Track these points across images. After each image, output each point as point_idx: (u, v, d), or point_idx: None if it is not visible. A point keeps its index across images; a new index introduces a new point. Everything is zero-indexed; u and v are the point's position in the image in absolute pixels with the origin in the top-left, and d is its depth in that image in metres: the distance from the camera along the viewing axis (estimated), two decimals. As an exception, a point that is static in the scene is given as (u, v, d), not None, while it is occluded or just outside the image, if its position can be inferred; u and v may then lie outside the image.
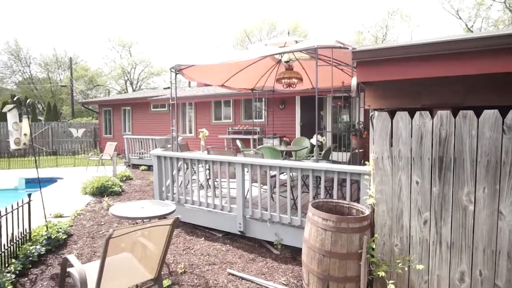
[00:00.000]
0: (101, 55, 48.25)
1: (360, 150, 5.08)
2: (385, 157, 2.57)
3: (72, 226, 4.38)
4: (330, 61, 4.92)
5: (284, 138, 6.59)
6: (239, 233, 4.04)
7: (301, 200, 3.50)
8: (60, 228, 3.92)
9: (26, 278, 2.98)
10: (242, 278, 3.06)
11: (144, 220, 2.94)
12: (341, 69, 5.90)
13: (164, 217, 2.88)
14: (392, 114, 2.59)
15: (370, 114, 2.84)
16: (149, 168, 9.98)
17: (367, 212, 2.68)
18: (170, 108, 5.57)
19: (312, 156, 5.31)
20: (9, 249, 3.10)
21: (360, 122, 6.23)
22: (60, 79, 35.48)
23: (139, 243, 2.49)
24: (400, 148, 2.50)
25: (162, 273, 2.45)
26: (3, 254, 2.98)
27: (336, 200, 3.05)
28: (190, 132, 12.80)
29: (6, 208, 3.13)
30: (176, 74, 5.26)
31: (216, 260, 3.49)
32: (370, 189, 2.77)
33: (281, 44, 5.94)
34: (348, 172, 3.14)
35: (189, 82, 17.79)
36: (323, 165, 3.34)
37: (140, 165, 10.23)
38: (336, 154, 7.49)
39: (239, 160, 3.90)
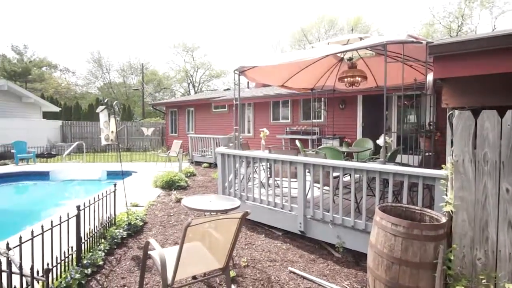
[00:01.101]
0: (167, 60, 52.43)
1: (430, 153, 4.68)
2: (466, 160, 2.34)
3: (146, 215, 4.86)
4: (398, 57, 4.63)
5: (346, 139, 6.37)
6: (299, 232, 4.05)
7: (365, 203, 3.37)
8: (138, 216, 4.39)
9: (112, 257, 3.42)
10: (304, 278, 3.07)
11: (212, 213, 3.13)
12: (410, 65, 5.50)
13: (229, 212, 3.04)
14: (474, 113, 2.34)
15: (448, 113, 2.61)
16: (210, 165, 10.54)
17: (443, 220, 2.47)
18: (234, 108, 5.82)
19: (377, 158, 5.05)
20: (99, 231, 3.59)
21: (431, 123, 5.71)
22: (133, 83, 39.45)
23: (209, 234, 2.67)
24: (486, 151, 2.25)
25: (229, 264, 2.58)
26: (95, 234, 3.46)
27: (406, 205, 2.86)
28: (249, 132, 13.16)
29: (98, 195, 3.62)
30: (239, 75, 5.47)
31: (277, 257, 3.55)
32: (447, 195, 2.54)
33: (343, 41, 5.77)
34: (421, 176, 2.93)
35: (248, 83, 18.30)
36: (392, 167, 3.16)
37: (202, 162, 10.86)
38: (402, 156, 6.98)
39: (301, 159, 3.90)
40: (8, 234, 5.30)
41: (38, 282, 2.27)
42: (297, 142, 6.44)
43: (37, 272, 2.07)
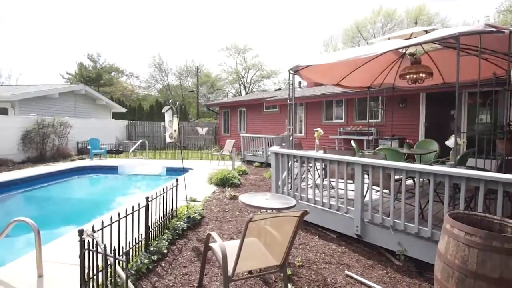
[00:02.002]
0: (219, 62, 54.41)
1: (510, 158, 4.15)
2: None
3: (203, 209, 5.11)
4: (471, 49, 4.19)
5: (407, 140, 5.94)
6: (355, 236, 3.90)
7: (432, 209, 3.11)
8: (196, 210, 4.65)
9: (174, 247, 3.67)
10: (362, 283, 2.95)
11: (268, 211, 3.18)
12: (485, 58, 4.93)
13: (286, 210, 3.05)
14: None
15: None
16: (262, 165, 10.68)
17: (531, 232, 2.17)
18: (288, 107, 5.82)
19: (444, 161, 4.63)
20: (163, 221, 3.88)
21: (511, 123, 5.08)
22: (188, 85, 41.75)
23: (266, 230, 2.72)
24: None
25: (285, 262, 2.60)
26: (160, 225, 3.76)
27: (482, 214, 2.58)
28: (300, 132, 13.04)
29: (162, 189, 3.93)
30: (293, 75, 5.45)
31: (332, 260, 3.46)
32: (536, 205, 2.23)
33: (406, 36, 5.40)
34: (501, 182, 2.61)
35: (300, 83, 18.14)
36: (465, 171, 2.87)
37: (254, 161, 11.06)
38: (474, 160, 6.27)
39: (359, 160, 3.75)
40: (85, 220, 6.02)
41: (119, 263, 2.54)
42: (352, 142, 6.21)
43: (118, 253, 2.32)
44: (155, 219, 3.64)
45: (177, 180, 4.37)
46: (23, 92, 13.30)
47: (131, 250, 2.97)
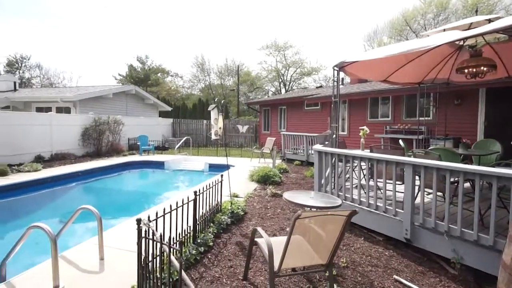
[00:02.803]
0: (259, 60, 54.70)
1: None
2: None
3: (245, 206, 5.21)
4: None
5: (463, 140, 5.48)
6: (404, 240, 3.71)
7: (494, 215, 2.85)
8: (239, 206, 4.76)
9: (219, 240, 3.80)
10: (412, 289, 2.80)
11: (312, 209, 3.15)
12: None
13: (331, 210, 3.00)
14: None
15: None
16: (302, 163, 10.58)
17: None
18: (332, 105, 5.69)
19: (510, 163, 4.19)
20: (209, 215, 4.04)
21: None
22: (229, 84, 42.61)
23: (312, 229, 2.70)
24: None
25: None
26: (206, 218, 3.91)
27: (558, 223, 2.30)
28: (343, 131, 12.67)
29: (208, 184, 4.08)
30: (338, 71, 5.32)
31: (379, 263, 3.33)
32: None
33: (464, 26, 4.98)
34: None
35: (342, 80, 17.59)
36: (537, 174, 2.58)
37: (294, 160, 10.98)
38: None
39: (410, 160, 3.56)
40: (136, 211, 6.46)
41: (173, 252, 2.72)
42: (400, 142, 5.88)
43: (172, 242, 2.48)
44: (202, 212, 3.80)
45: (222, 176, 4.52)
46: (83, 93, 14.64)
47: (178, 241, 3.14)
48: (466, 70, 4.91)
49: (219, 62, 51.61)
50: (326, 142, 5.47)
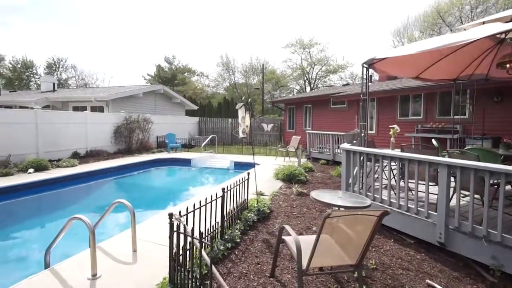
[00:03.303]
0: (284, 58, 54.32)
1: None
2: None
3: (271, 204, 5.23)
4: None
5: (504, 140, 5.14)
6: (437, 244, 3.55)
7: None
8: (265, 204, 4.78)
9: (246, 237, 3.85)
10: (447, 295, 2.69)
11: (340, 209, 3.10)
12: None
13: (361, 210, 2.94)
14: None
15: None
16: (328, 162, 10.42)
17: None
18: (360, 103, 5.56)
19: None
20: (236, 212, 4.10)
21: None
22: (254, 82, 42.73)
23: (340, 228, 2.67)
24: None
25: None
26: (233, 215, 3.98)
27: None
28: (371, 129, 12.32)
29: (235, 182, 4.14)
30: (367, 68, 5.17)
31: (411, 266, 3.22)
32: None
33: (506, 18, 4.66)
34: None
35: (371, 77, 17.07)
36: None
37: (320, 159, 10.84)
38: None
39: (445, 160, 3.40)
40: (165, 206, 6.68)
41: (205, 247, 2.79)
42: (433, 141, 5.63)
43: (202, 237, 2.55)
44: (229, 209, 3.86)
45: (248, 174, 4.56)
46: (115, 93, 15.31)
47: (209, 236, 3.22)
48: (508, 65, 4.60)
49: (243, 61, 51.92)
50: (354, 141, 5.34)
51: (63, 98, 15.99)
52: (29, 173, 7.96)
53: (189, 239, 2.46)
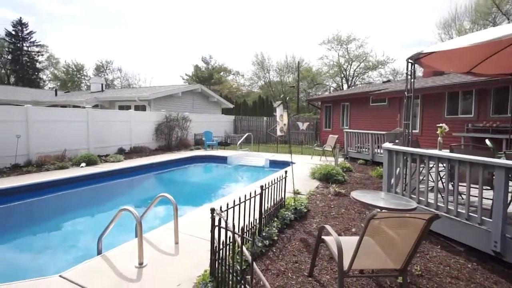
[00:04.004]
0: (320, 55, 53.13)
1: None
2: None
3: (308, 203, 5.16)
4: None
5: None
6: (491, 253, 3.27)
7: None
8: (302, 203, 4.74)
9: (283, 235, 3.85)
10: (504, 309, 2.47)
11: (383, 210, 2.98)
12: None
13: (407, 212, 2.80)
14: None
15: None
16: (367, 162, 10.04)
17: None
18: (405, 100, 5.28)
19: None
20: (273, 210, 4.11)
21: None
22: (289, 81, 42.39)
23: (383, 231, 2.57)
24: None
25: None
26: (270, 213, 4.00)
27: None
28: (415, 129, 11.65)
29: (272, 180, 4.16)
30: (413, 64, 4.90)
31: (461, 275, 3.01)
32: None
33: None
34: None
35: (414, 73, 16.13)
36: None
37: (358, 158, 10.48)
38: None
39: (502, 163, 3.11)
40: (202, 202, 6.89)
41: (245, 242, 2.85)
42: (487, 141, 5.18)
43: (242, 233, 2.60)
44: (267, 207, 3.89)
45: (286, 172, 4.55)
46: (156, 92, 16.10)
47: (250, 231, 3.27)
48: None
49: (278, 59, 51.56)
50: (397, 141, 5.09)
51: (110, 98, 17.14)
52: (81, 167, 8.65)
53: (229, 233, 2.52)
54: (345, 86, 39.52)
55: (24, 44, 40.15)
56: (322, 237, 2.70)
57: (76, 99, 18.22)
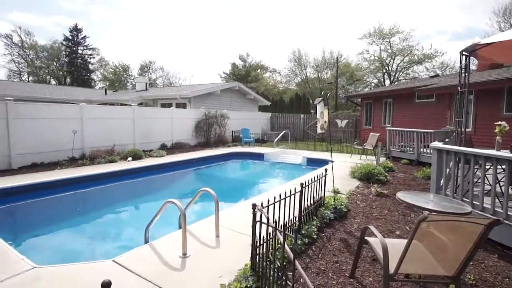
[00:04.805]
0: (359, 50, 51.00)
1: None
2: None
3: (348, 203, 5.02)
4: None
5: None
6: (561, 265, 2.93)
7: None
8: (342, 202, 4.62)
9: (323, 234, 3.79)
10: None
11: (432, 213, 2.81)
12: None
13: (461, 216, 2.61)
14: None
15: None
16: (411, 162, 9.49)
17: None
18: (458, 96, 4.90)
19: None
20: (312, 209, 4.06)
21: None
22: (326, 77, 41.35)
23: (433, 235, 2.42)
24: None
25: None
26: (309, 211, 3.95)
27: None
28: (467, 127, 10.75)
29: (312, 178, 4.10)
30: (468, 56, 4.52)
31: (522, 288, 2.74)
32: None
33: None
34: None
35: (467, 67, 14.85)
36: None
37: (401, 158, 9.94)
38: None
39: None
40: (241, 198, 7.00)
41: (287, 238, 2.86)
42: (556, 141, 4.62)
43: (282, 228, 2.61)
44: (306, 205, 3.85)
45: (326, 170, 4.47)
46: (196, 90, 16.64)
47: (292, 228, 3.27)
48: None
49: (316, 55, 50.54)
50: (447, 140, 4.73)
51: (154, 96, 18.05)
52: (128, 161, 9.24)
53: (270, 229, 2.54)
54: (387, 82, 37.64)
55: (79, 48, 43.76)
56: (366, 238, 2.61)
57: (123, 97, 19.47)
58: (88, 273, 2.78)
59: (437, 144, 4.44)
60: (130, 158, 9.39)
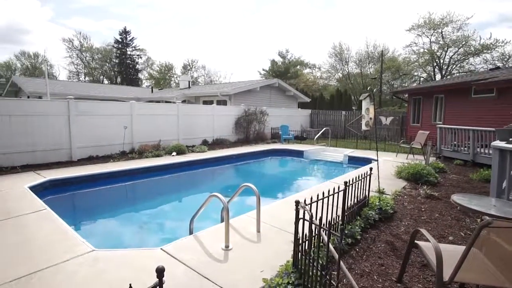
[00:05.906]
0: (407, 42, 47.77)
1: None
2: None
3: (394, 204, 4.76)
4: None
5: None
6: None
7: None
8: (388, 203, 4.40)
9: (366, 235, 3.65)
10: None
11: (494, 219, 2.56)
12: None
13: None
14: None
15: None
16: (466, 163, 8.73)
17: None
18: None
19: None
20: (356, 209, 3.93)
21: None
22: (370, 72, 39.47)
23: (495, 242, 2.22)
24: None
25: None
26: (353, 211, 3.83)
27: None
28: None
29: (356, 177, 3.96)
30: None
31: None
32: None
33: None
34: None
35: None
36: None
37: (454, 158, 9.18)
38: None
39: None
40: (280, 194, 6.99)
41: (330, 236, 2.82)
42: None
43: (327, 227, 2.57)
44: (350, 204, 3.74)
45: (371, 169, 4.29)
46: (236, 87, 16.90)
47: (338, 227, 3.20)
48: None
49: (358, 49, 48.19)
50: (510, 139, 4.25)
51: (196, 94, 18.70)
52: (173, 155, 9.70)
53: (313, 227, 2.51)
54: (437, 76, 34.91)
55: (128, 49, 46.72)
56: (416, 242, 2.47)
57: (167, 95, 20.44)
58: (139, 258, 2.99)
59: (499, 143, 4.03)
60: (174, 153, 9.85)
